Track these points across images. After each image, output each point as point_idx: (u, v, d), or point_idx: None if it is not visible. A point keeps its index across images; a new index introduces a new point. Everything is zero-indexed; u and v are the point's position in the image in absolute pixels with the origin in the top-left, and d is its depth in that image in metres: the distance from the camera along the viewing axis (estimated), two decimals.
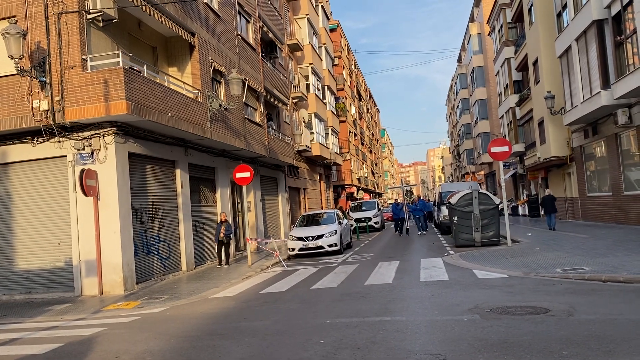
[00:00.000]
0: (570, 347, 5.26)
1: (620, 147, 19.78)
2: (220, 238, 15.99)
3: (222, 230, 15.98)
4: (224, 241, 16.07)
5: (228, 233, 16.08)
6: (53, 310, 10.73)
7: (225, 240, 16.06)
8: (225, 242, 16.10)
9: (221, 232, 15.96)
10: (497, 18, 36.60)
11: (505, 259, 12.55)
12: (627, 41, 16.62)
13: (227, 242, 16.14)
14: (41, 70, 11.79)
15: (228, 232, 16.07)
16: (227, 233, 16.06)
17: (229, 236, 16.13)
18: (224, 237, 15.99)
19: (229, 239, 16.19)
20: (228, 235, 16.08)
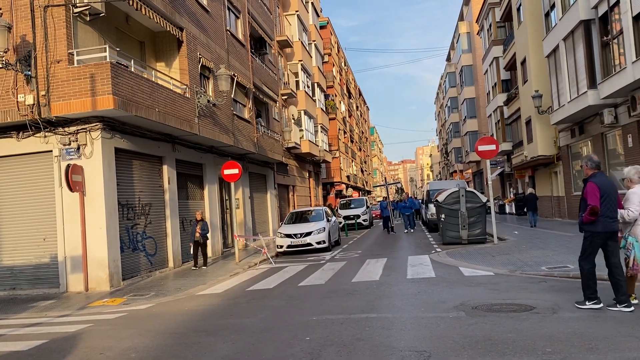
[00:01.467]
0: (553, 344, 5.31)
1: (606, 146, 19.99)
2: (195, 238, 15.03)
3: (198, 229, 15.02)
4: (200, 241, 15.09)
5: (204, 233, 15.12)
6: (37, 306, 10.63)
7: (201, 241, 15.09)
8: (201, 243, 15.14)
9: (197, 231, 15.00)
10: (486, 17, 36.76)
11: (492, 257, 12.63)
12: (614, 41, 16.77)
13: (203, 242, 15.18)
14: (27, 64, 11.65)
15: (204, 232, 15.11)
16: (204, 233, 15.09)
17: (205, 236, 15.17)
18: (200, 237, 15.02)
19: (205, 239, 15.22)
20: (204, 235, 15.12)
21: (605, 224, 6.60)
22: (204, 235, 15.07)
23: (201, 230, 15.00)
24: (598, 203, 6.51)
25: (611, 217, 6.61)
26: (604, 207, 6.55)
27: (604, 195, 6.56)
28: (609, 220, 6.60)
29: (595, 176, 6.78)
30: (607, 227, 6.61)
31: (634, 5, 14.76)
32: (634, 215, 6.57)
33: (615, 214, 6.64)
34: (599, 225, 6.62)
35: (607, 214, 6.57)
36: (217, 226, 19.13)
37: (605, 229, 6.61)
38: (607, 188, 6.62)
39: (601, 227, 6.62)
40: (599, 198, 6.53)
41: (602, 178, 6.76)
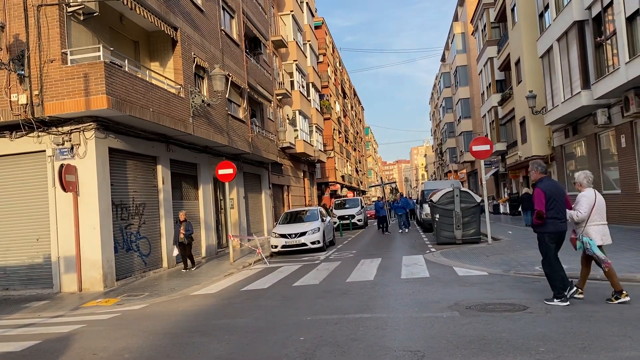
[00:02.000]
0: (547, 344, 5.32)
1: (599, 146, 20.08)
2: (180, 239, 14.46)
3: (182, 230, 14.44)
4: (185, 242, 14.53)
5: (188, 234, 14.50)
6: (31, 307, 10.58)
7: (185, 242, 14.52)
8: (186, 244, 14.57)
9: (180, 232, 14.43)
10: (480, 17, 36.87)
11: (486, 257, 12.67)
12: (607, 42, 16.85)
13: (188, 243, 14.60)
14: (20, 63, 11.60)
15: (188, 233, 14.49)
16: (188, 234, 14.48)
17: (189, 237, 14.58)
18: (184, 239, 14.45)
19: (189, 239, 14.63)
20: (189, 235, 14.52)
21: (555, 224, 7.10)
22: (188, 236, 14.51)
23: (185, 231, 14.44)
24: (543, 207, 7.03)
25: (559, 219, 7.11)
26: (551, 210, 7.06)
27: (551, 198, 7.07)
28: (557, 221, 7.10)
29: (542, 181, 7.27)
30: (557, 227, 7.12)
31: (627, 6, 14.84)
32: (583, 217, 7.12)
33: (563, 215, 7.14)
34: (549, 226, 7.11)
35: (556, 216, 7.07)
36: (212, 226, 19.10)
37: (556, 229, 7.13)
38: (553, 192, 7.12)
39: (552, 228, 7.12)
40: (545, 202, 7.05)
41: (549, 182, 7.24)
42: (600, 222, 7.22)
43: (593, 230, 7.15)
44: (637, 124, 16.75)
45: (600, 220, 7.21)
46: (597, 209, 7.18)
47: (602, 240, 7.19)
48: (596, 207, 7.17)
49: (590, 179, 7.37)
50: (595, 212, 7.16)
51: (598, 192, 7.36)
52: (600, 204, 7.23)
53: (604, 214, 7.27)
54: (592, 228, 7.16)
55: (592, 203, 7.15)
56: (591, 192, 7.27)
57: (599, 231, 7.17)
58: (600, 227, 7.20)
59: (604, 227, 7.24)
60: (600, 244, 7.14)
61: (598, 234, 7.15)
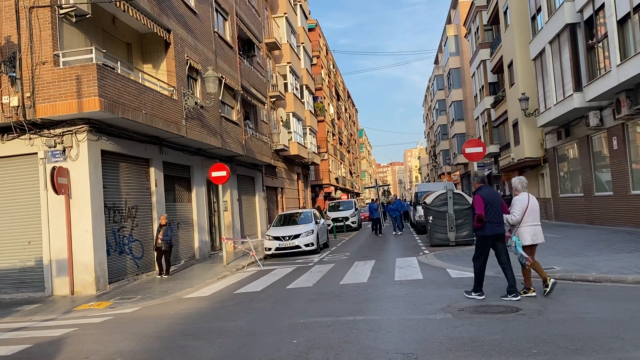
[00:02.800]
0: (539, 346, 5.33)
1: (591, 148, 20.19)
2: (157, 245, 13.91)
3: (160, 236, 13.85)
4: (162, 248, 13.91)
5: (167, 239, 13.85)
6: (22, 310, 10.51)
7: (163, 247, 13.89)
8: (164, 250, 13.95)
9: (158, 238, 13.85)
10: (473, 20, 37.01)
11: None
12: (599, 45, 16.95)
13: (165, 249, 13.96)
14: (11, 65, 11.52)
15: (167, 238, 13.83)
16: (166, 239, 13.83)
17: (169, 242, 13.92)
18: (162, 244, 13.84)
19: (168, 245, 13.97)
20: (167, 241, 13.87)
21: (492, 228, 7.80)
22: (167, 241, 13.87)
23: (163, 236, 13.82)
24: (483, 212, 7.71)
25: (496, 222, 7.82)
26: (489, 214, 7.77)
27: (488, 204, 7.78)
28: (494, 225, 7.80)
29: (481, 189, 8.00)
30: (494, 230, 7.81)
31: (618, 9, 14.94)
32: (516, 219, 7.85)
33: (499, 219, 7.86)
34: (487, 230, 7.81)
35: (493, 220, 7.79)
36: (205, 229, 19.05)
37: (492, 232, 7.81)
38: (491, 198, 7.85)
39: (489, 231, 7.82)
40: (484, 207, 7.74)
41: (487, 190, 7.99)
42: (533, 223, 7.88)
43: (525, 230, 7.83)
44: (628, 126, 16.86)
45: (532, 221, 7.88)
46: (530, 212, 7.86)
47: (532, 240, 7.86)
48: (529, 209, 7.85)
49: (524, 184, 8.11)
50: (528, 214, 7.84)
51: (533, 196, 8.09)
52: (533, 207, 7.90)
53: (536, 216, 7.93)
54: (524, 229, 7.84)
55: (525, 206, 7.84)
56: (525, 196, 7.94)
57: (531, 231, 7.84)
58: (532, 228, 7.87)
59: (536, 227, 7.90)
60: (531, 243, 7.85)
61: (529, 234, 7.83)
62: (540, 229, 7.99)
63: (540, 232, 7.98)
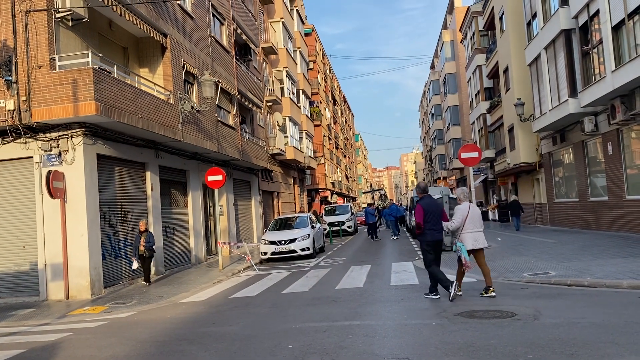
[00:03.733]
0: (534, 351, 5.34)
1: (586, 154, 20.27)
2: (140, 252, 13.19)
3: (142, 242, 13.17)
4: (146, 255, 13.28)
5: (149, 245, 13.24)
6: (17, 315, 10.46)
7: (146, 254, 13.27)
8: (147, 257, 13.33)
9: (141, 244, 13.17)
10: (469, 26, 37.16)
11: (474, 264, 12.68)
12: (594, 51, 17.06)
13: (149, 256, 13.37)
14: (7, 69, 11.51)
15: (149, 244, 13.23)
16: (149, 245, 13.22)
17: (151, 249, 13.35)
18: (145, 251, 13.21)
19: (151, 251, 13.40)
20: (150, 247, 13.28)
21: (432, 234, 8.60)
22: (149, 247, 13.27)
23: (146, 242, 13.18)
24: (422, 220, 8.53)
25: (436, 229, 8.61)
26: (428, 222, 8.54)
27: (428, 213, 8.55)
28: (434, 232, 8.59)
29: (423, 199, 8.79)
30: (434, 236, 8.62)
31: (613, 16, 15.03)
32: (456, 226, 8.57)
33: (438, 227, 8.64)
34: (427, 236, 8.62)
35: (432, 227, 8.57)
36: (201, 233, 19.02)
37: (432, 238, 8.63)
38: (431, 208, 8.62)
39: (429, 237, 8.63)
40: (423, 216, 8.53)
41: (427, 200, 8.76)
42: (474, 229, 8.56)
43: (467, 236, 8.53)
44: (623, 131, 16.94)
45: (473, 228, 8.56)
46: (470, 219, 8.53)
47: (473, 245, 8.52)
48: (469, 217, 8.52)
49: (466, 194, 8.89)
50: (469, 221, 8.51)
51: (474, 205, 8.82)
52: (474, 215, 8.58)
53: (477, 223, 8.61)
54: (466, 235, 8.54)
55: (465, 214, 8.53)
56: (466, 205, 8.64)
57: (472, 237, 8.53)
58: (473, 234, 8.56)
59: (477, 233, 8.59)
60: (472, 248, 8.49)
61: (471, 240, 8.51)
62: (482, 235, 8.65)
63: (482, 237, 8.63)
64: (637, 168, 16.48)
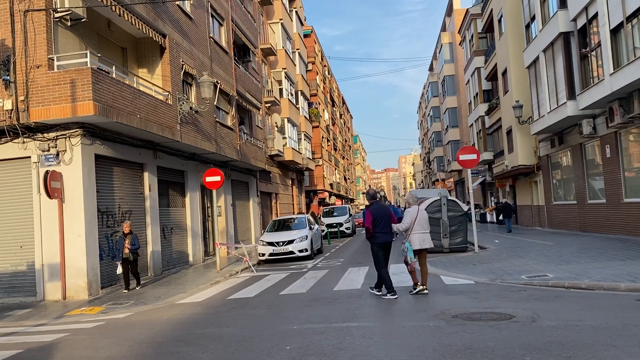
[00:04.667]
0: (532, 353, 5.33)
1: (585, 156, 20.29)
2: (124, 255, 12.47)
3: (127, 245, 12.47)
4: (130, 258, 12.54)
5: (134, 248, 12.53)
6: (13, 315, 10.43)
7: (131, 258, 12.54)
8: (131, 260, 12.59)
9: (125, 247, 12.46)
10: (468, 28, 37.22)
11: (472, 266, 12.71)
12: (592, 54, 17.08)
13: (133, 259, 12.62)
14: (5, 68, 11.49)
15: (134, 247, 12.53)
16: (134, 248, 12.52)
17: (135, 252, 12.63)
18: (129, 254, 12.49)
19: (136, 255, 12.66)
20: (135, 250, 12.57)
21: (382, 237, 9.21)
22: (133, 250, 12.57)
23: (130, 245, 12.49)
24: (370, 225, 9.19)
25: (385, 232, 9.23)
26: (377, 226, 9.19)
27: (377, 217, 9.19)
28: (383, 234, 9.21)
29: (372, 205, 9.48)
30: (383, 239, 9.24)
31: (611, 18, 15.06)
32: (405, 227, 9.36)
33: (387, 230, 9.26)
34: (377, 239, 9.21)
35: (381, 231, 9.21)
36: (199, 234, 19.00)
37: (381, 240, 9.23)
38: (379, 212, 9.27)
39: (379, 240, 9.22)
40: (372, 221, 9.18)
41: (376, 206, 9.42)
42: (421, 231, 9.37)
43: (415, 237, 9.32)
44: (621, 134, 16.96)
45: (421, 230, 9.38)
46: (419, 221, 9.38)
47: (420, 244, 9.32)
48: (417, 220, 9.37)
49: (415, 199, 9.78)
50: (417, 223, 9.35)
51: (422, 209, 9.70)
52: (421, 218, 9.43)
53: (424, 225, 9.47)
54: (414, 236, 9.34)
55: (413, 217, 9.36)
56: (414, 209, 9.49)
57: (419, 238, 9.32)
58: (420, 235, 9.35)
59: (424, 234, 9.39)
60: (419, 248, 9.30)
61: (418, 240, 9.30)
62: (428, 236, 9.50)
63: (428, 238, 9.47)
64: (635, 171, 16.50)
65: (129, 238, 12.58)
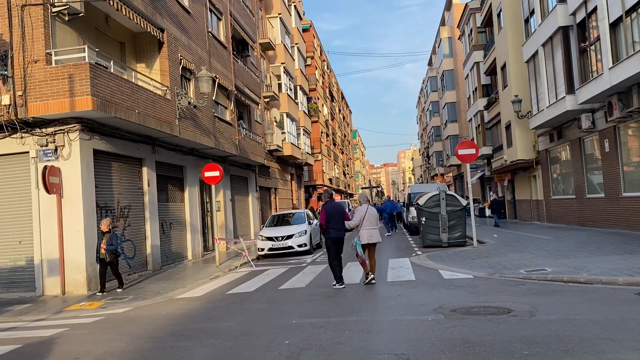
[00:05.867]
0: (530, 347, 5.35)
1: (583, 151, 20.30)
2: (101, 255, 11.52)
3: (103, 245, 11.46)
4: (107, 259, 11.49)
5: (112, 248, 11.45)
6: (12, 310, 10.44)
7: (107, 258, 11.47)
8: (108, 261, 11.52)
9: (102, 247, 11.47)
10: (467, 22, 37.14)
11: (471, 260, 12.73)
12: (591, 48, 17.05)
13: (110, 260, 11.53)
14: (3, 63, 11.46)
15: (112, 247, 11.44)
16: (111, 248, 11.43)
17: (114, 252, 11.55)
18: (106, 254, 11.44)
19: (114, 255, 11.59)
20: (113, 250, 11.49)
21: (333, 232, 10.23)
22: (112, 250, 11.52)
23: (107, 245, 11.44)
24: (324, 222, 10.23)
25: (337, 229, 10.24)
26: (330, 223, 10.19)
27: (330, 215, 10.20)
28: (335, 230, 10.24)
29: (327, 203, 10.43)
30: (335, 234, 10.25)
31: (611, 12, 15.03)
32: (355, 224, 10.38)
33: (340, 226, 10.27)
34: (331, 234, 10.25)
35: (334, 227, 10.21)
36: (198, 229, 19.00)
37: (334, 235, 10.25)
38: (333, 211, 10.26)
39: (332, 235, 10.25)
40: (325, 218, 10.20)
41: (330, 205, 10.38)
42: (369, 227, 10.32)
43: (364, 232, 10.31)
44: (620, 128, 16.96)
45: (369, 226, 10.32)
46: (367, 219, 10.32)
47: (368, 239, 10.26)
48: (366, 217, 10.32)
49: (365, 198, 10.83)
50: (366, 220, 10.30)
51: (372, 207, 10.60)
52: (370, 215, 10.36)
53: (373, 222, 10.39)
54: (363, 231, 10.32)
55: (362, 215, 10.34)
56: (364, 207, 10.52)
57: (367, 233, 10.28)
58: (369, 231, 10.30)
59: (372, 230, 10.34)
60: (367, 242, 10.25)
61: (366, 236, 10.27)
62: (377, 232, 10.39)
63: (376, 234, 10.38)
64: (634, 165, 16.50)
65: (107, 237, 11.54)
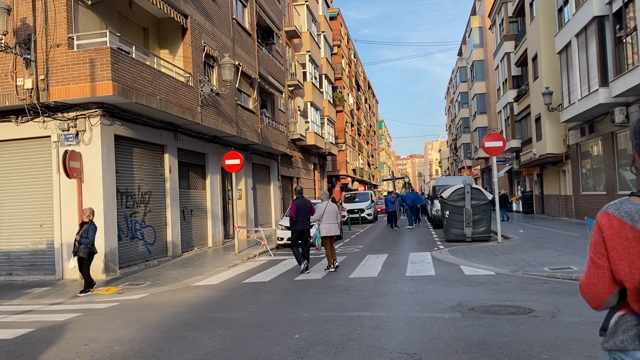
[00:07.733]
0: (550, 351, 5.08)
1: (616, 146, 19.60)
2: (75, 249, 10.05)
3: (77, 237, 10.05)
4: (79, 254, 9.97)
5: (87, 242, 9.88)
6: (32, 293, 10.54)
7: (80, 254, 9.94)
8: (79, 256, 10.02)
9: (75, 240, 10.07)
10: (498, 12, 36.23)
11: (494, 256, 12.39)
12: (627, 39, 16.37)
13: (83, 255, 9.96)
14: (26, 47, 11.49)
15: (86, 241, 9.88)
16: (86, 242, 9.88)
17: (88, 246, 9.92)
18: (80, 248, 9.90)
19: (88, 250, 9.94)
20: (87, 244, 9.90)
21: (299, 225, 11.39)
22: (86, 244, 9.89)
23: (81, 237, 9.93)
24: (293, 215, 11.35)
25: (303, 222, 11.41)
26: (299, 216, 11.34)
27: (299, 209, 11.35)
28: (302, 223, 11.40)
29: (297, 199, 11.57)
30: (301, 226, 11.42)
31: None
32: (316, 218, 11.55)
33: (306, 220, 11.43)
34: (297, 226, 11.41)
35: (301, 220, 11.37)
36: (219, 216, 19.00)
37: (300, 227, 11.42)
38: (302, 205, 11.42)
39: (299, 227, 11.42)
40: (295, 212, 11.32)
41: (300, 200, 11.52)
42: (329, 221, 11.50)
43: (323, 226, 11.52)
44: None
45: (328, 220, 11.50)
46: (327, 214, 11.51)
47: (327, 232, 11.47)
48: (326, 212, 11.50)
49: (326, 195, 12.08)
50: (326, 215, 11.49)
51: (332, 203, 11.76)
52: (329, 211, 11.53)
53: (332, 217, 11.54)
54: (322, 225, 11.53)
55: (322, 210, 11.54)
56: (324, 204, 11.68)
57: (326, 227, 11.49)
58: (328, 225, 11.49)
59: (331, 225, 11.51)
60: (326, 235, 11.47)
61: (325, 229, 11.49)
62: (335, 226, 11.57)
63: (334, 227, 11.56)
64: None
65: (83, 229, 10.09)
